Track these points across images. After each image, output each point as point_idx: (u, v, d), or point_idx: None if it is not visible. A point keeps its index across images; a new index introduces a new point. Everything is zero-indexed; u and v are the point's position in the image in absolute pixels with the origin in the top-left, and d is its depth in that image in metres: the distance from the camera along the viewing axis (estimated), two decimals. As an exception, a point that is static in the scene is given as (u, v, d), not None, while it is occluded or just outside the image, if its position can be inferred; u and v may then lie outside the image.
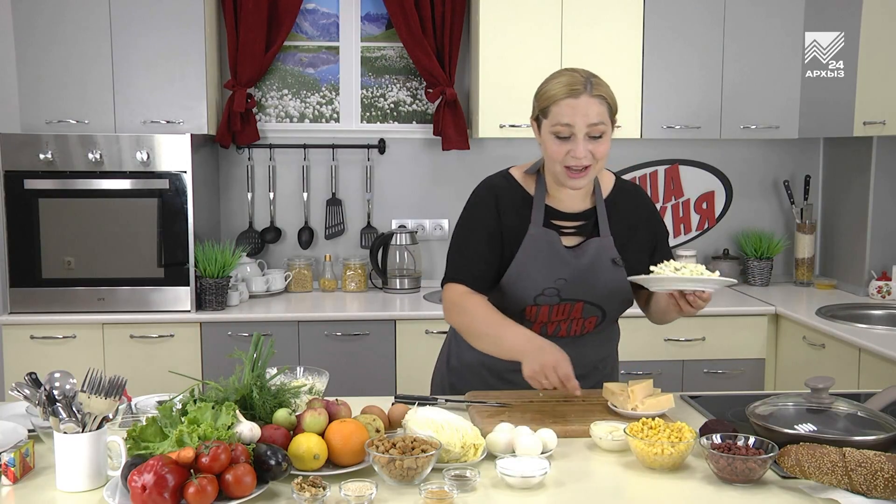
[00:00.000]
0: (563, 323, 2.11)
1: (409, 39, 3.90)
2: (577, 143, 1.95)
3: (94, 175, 3.50)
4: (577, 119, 1.95)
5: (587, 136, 1.96)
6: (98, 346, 3.50)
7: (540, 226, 2.07)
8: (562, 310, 2.09)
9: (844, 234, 4.07)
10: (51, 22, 3.54)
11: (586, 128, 1.95)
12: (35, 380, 1.70)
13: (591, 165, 1.98)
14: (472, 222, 2.11)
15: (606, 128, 1.98)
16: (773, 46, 3.85)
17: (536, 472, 1.59)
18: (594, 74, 2.03)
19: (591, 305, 2.10)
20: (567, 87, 1.97)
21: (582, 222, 2.10)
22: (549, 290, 2.06)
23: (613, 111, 2.02)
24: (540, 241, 2.06)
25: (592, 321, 2.13)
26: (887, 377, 2.84)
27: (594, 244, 2.08)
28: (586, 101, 1.96)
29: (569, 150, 1.96)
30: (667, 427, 1.74)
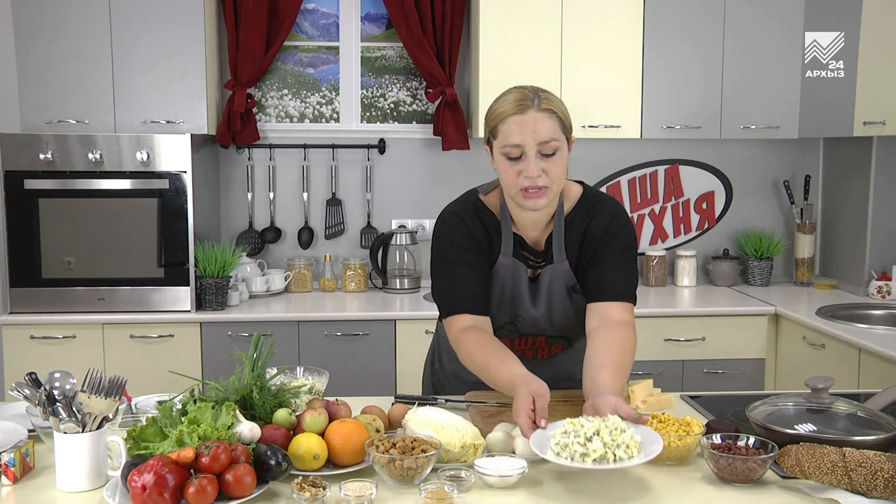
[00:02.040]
0: (527, 351, 2.12)
1: (409, 39, 3.90)
2: (529, 161, 1.82)
3: (94, 175, 3.50)
4: (525, 137, 1.81)
5: (539, 153, 1.82)
6: (98, 346, 3.50)
7: (510, 255, 1.97)
8: (524, 342, 2.10)
9: (844, 234, 4.07)
10: (51, 22, 3.54)
11: (537, 145, 1.82)
12: (35, 380, 1.70)
13: (547, 186, 1.84)
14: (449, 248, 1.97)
15: (559, 144, 1.84)
16: (773, 46, 3.85)
17: (514, 471, 1.59)
18: (543, 90, 1.89)
19: (552, 337, 2.10)
20: (514, 103, 1.84)
21: (543, 251, 2.01)
22: (507, 325, 2.05)
23: (567, 126, 1.88)
24: (507, 272, 1.98)
25: (559, 347, 2.14)
26: (887, 377, 2.84)
27: (549, 271, 1.98)
28: (534, 116, 1.82)
29: (521, 171, 1.83)
30: (675, 421, 1.75)
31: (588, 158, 4.19)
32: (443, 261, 1.98)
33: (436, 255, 2.01)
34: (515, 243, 1.98)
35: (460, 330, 1.93)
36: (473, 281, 1.95)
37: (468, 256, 1.96)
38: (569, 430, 1.58)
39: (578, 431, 1.56)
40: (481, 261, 1.97)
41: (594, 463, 1.51)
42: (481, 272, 1.96)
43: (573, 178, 2.08)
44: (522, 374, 1.75)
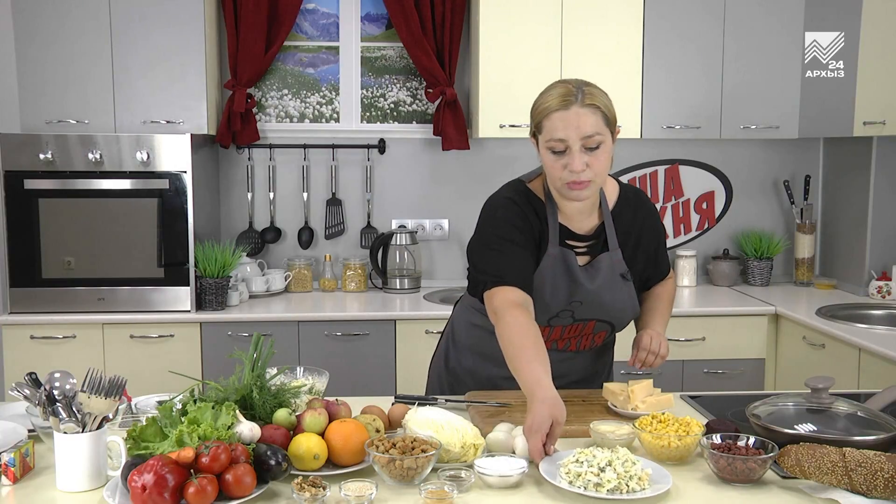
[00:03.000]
0: (573, 339, 2.12)
1: (409, 39, 3.90)
2: (573, 156, 1.86)
3: (94, 175, 3.50)
4: (569, 132, 1.85)
5: (583, 148, 1.86)
6: (98, 346, 3.50)
7: (557, 245, 2.00)
8: (574, 329, 2.09)
9: (844, 234, 4.07)
10: (51, 22, 3.54)
11: (580, 140, 1.86)
12: (35, 380, 1.70)
13: (591, 180, 1.89)
14: (501, 222, 1.98)
15: (603, 138, 1.89)
16: (773, 46, 3.85)
17: (514, 471, 1.59)
18: (588, 83, 1.93)
19: (602, 322, 2.10)
20: (558, 98, 1.88)
21: (592, 241, 2.05)
22: (563, 312, 2.04)
23: (610, 120, 1.92)
24: (557, 261, 2.00)
25: (602, 335, 2.15)
26: (887, 377, 2.84)
27: (605, 260, 2.04)
28: (577, 111, 1.86)
29: (566, 165, 1.87)
30: (675, 421, 1.75)
31: (588, 158, 4.18)
32: (497, 237, 1.97)
33: (488, 232, 1.99)
34: (561, 233, 2.01)
35: (508, 303, 1.88)
36: (526, 258, 1.96)
37: (521, 237, 1.97)
38: (581, 459, 1.58)
39: (591, 461, 1.57)
40: (532, 244, 1.98)
41: (608, 493, 1.52)
42: (531, 254, 1.98)
43: None
44: (547, 386, 1.71)
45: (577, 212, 2.00)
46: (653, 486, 1.56)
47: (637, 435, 1.74)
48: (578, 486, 1.54)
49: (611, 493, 1.52)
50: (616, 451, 1.60)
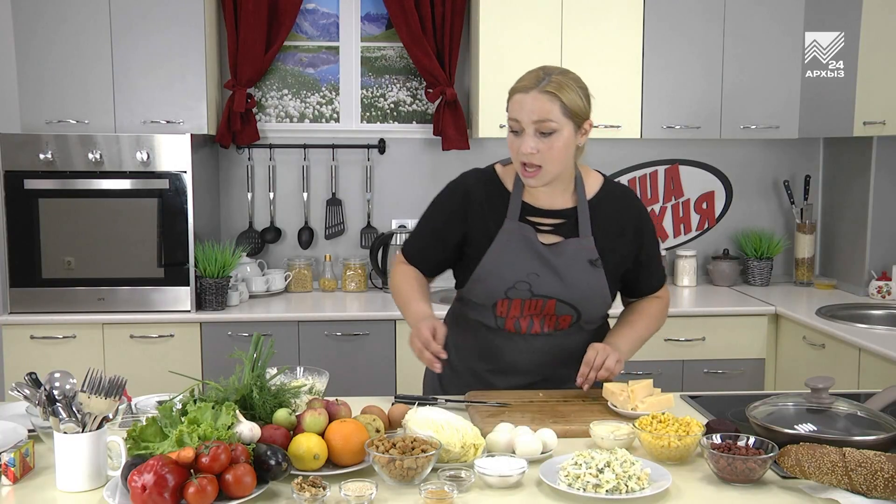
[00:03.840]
0: (535, 318, 2.09)
1: (409, 39, 3.90)
2: (525, 138, 1.94)
3: (94, 175, 3.50)
4: (523, 115, 1.94)
5: (537, 132, 1.93)
6: (98, 346, 3.50)
7: (515, 220, 2.06)
8: (533, 305, 2.07)
9: (844, 234, 4.07)
10: (51, 22, 3.54)
11: (532, 124, 1.93)
12: (35, 380, 1.70)
13: (541, 166, 1.95)
14: (431, 211, 2.18)
15: (558, 127, 1.93)
16: (773, 46, 3.85)
17: (514, 471, 1.59)
18: (563, 72, 1.99)
19: (563, 304, 2.07)
20: (525, 81, 1.98)
21: (561, 221, 2.07)
22: (520, 283, 2.04)
23: (572, 111, 1.94)
24: (514, 235, 2.05)
25: (567, 320, 2.10)
26: (887, 377, 2.84)
27: (572, 244, 2.06)
28: (534, 97, 1.93)
29: (519, 145, 1.96)
30: (675, 421, 1.75)
31: (588, 158, 4.14)
32: (425, 217, 2.19)
33: (428, 208, 2.20)
34: (523, 210, 2.06)
35: (399, 262, 2.22)
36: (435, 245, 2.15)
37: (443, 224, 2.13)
38: (579, 461, 1.58)
39: (590, 463, 1.57)
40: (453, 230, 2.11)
41: (607, 493, 1.52)
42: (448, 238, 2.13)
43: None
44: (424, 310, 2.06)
45: (543, 192, 2.06)
46: (652, 485, 1.56)
47: (637, 435, 1.74)
48: (577, 488, 1.54)
49: (610, 494, 1.52)
50: (614, 451, 1.60)
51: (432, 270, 2.21)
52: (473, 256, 2.09)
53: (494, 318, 2.10)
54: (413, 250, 2.21)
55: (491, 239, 2.06)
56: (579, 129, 1.98)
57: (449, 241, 2.13)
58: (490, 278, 2.05)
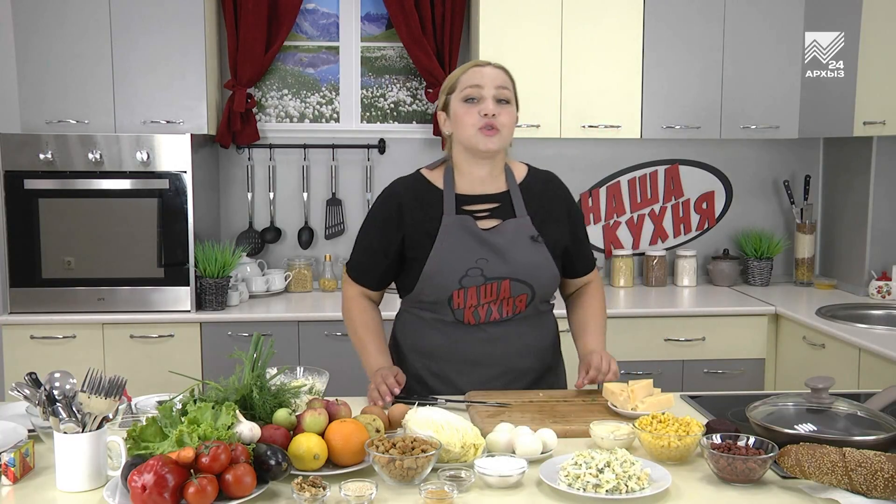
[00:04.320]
0: (493, 304, 2.12)
1: (409, 39, 3.90)
2: (487, 101, 2.08)
3: (94, 175, 3.50)
4: (485, 80, 2.09)
5: (494, 98, 2.08)
6: (98, 346, 3.50)
7: (453, 213, 2.12)
8: (489, 290, 2.10)
9: (844, 234, 4.07)
10: (51, 22, 3.54)
11: (494, 89, 2.08)
12: (35, 380, 1.70)
13: (500, 130, 2.08)
14: (367, 227, 2.23)
15: (510, 95, 2.12)
16: (773, 46, 3.85)
17: (514, 471, 1.59)
18: None
19: (517, 282, 2.11)
20: (473, 62, 2.17)
21: (495, 204, 2.15)
22: (472, 270, 2.09)
23: (516, 92, 2.15)
24: (454, 227, 2.11)
25: (523, 299, 2.13)
26: (887, 377, 2.84)
27: (511, 224, 2.13)
28: (493, 69, 2.13)
29: (479, 110, 2.07)
30: (675, 421, 1.75)
31: (588, 158, 4.19)
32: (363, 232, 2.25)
33: (363, 223, 2.27)
34: (458, 203, 2.14)
35: (354, 296, 2.26)
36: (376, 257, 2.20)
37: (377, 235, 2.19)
38: (579, 461, 1.58)
39: (590, 463, 1.57)
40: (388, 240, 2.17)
41: (607, 493, 1.52)
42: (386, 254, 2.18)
43: None
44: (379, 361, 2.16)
45: (477, 179, 2.15)
46: (652, 485, 1.56)
47: (637, 435, 1.74)
48: (578, 488, 1.54)
49: (610, 494, 1.52)
50: (614, 451, 1.60)
51: (379, 283, 2.25)
52: (418, 258, 2.12)
53: (452, 312, 2.13)
54: (358, 267, 2.25)
55: (432, 237, 2.11)
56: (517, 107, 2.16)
57: (389, 251, 2.17)
58: (441, 272, 2.10)
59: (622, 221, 4.26)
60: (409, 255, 2.15)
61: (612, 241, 4.26)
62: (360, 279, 2.25)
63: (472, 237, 2.10)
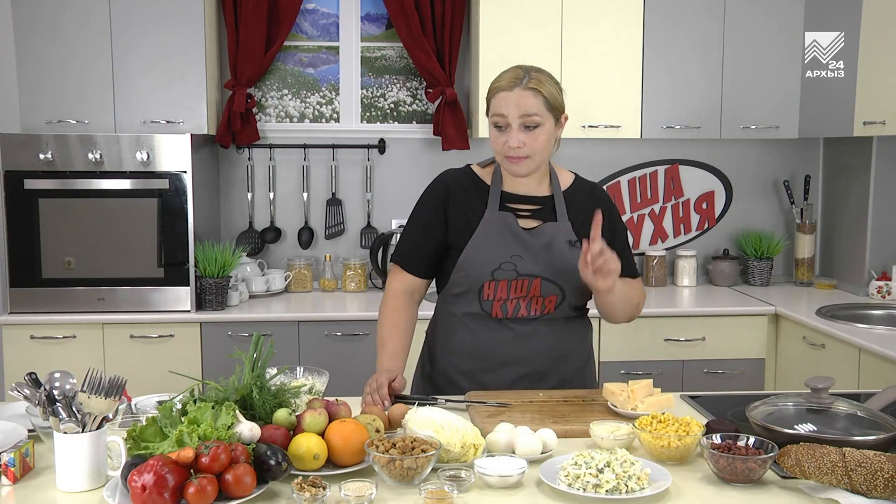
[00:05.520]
0: (521, 300, 2.13)
1: (409, 39, 3.90)
2: (511, 132, 2.05)
3: (94, 175, 3.50)
4: (510, 110, 2.04)
5: (522, 126, 2.04)
6: (98, 346, 3.50)
7: (496, 210, 2.14)
8: (520, 286, 2.12)
9: (844, 234, 4.07)
10: (51, 22, 3.54)
11: (518, 118, 2.04)
12: (35, 380, 1.70)
13: (528, 156, 2.06)
14: (417, 211, 2.24)
15: (542, 120, 2.05)
16: (772, 46, 3.85)
17: (514, 471, 1.59)
18: (539, 70, 2.12)
19: (549, 282, 2.12)
20: (507, 80, 2.08)
21: (538, 206, 2.16)
22: (505, 264, 2.11)
23: (553, 105, 2.07)
24: (495, 223, 2.13)
25: (553, 300, 2.14)
26: (887, 377, 2.84)
27: (551, 227, 2.15)
28: (519, 93, 2.05)
29: (505, 141, 2.06)
30: (675, 421, 1.75)
31: (588, 158, 4.19)
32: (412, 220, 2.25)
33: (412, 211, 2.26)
34: (503, 200, 2.16)
35: (396, 290, 2.24)
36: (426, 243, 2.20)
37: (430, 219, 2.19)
38: (579, 461, 1.58)
39: (590, 463, 1.57)
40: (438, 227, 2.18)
41: (607, 493, 1.52)
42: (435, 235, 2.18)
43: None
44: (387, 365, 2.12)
45: (521, 182, 2.16)
46: (652, 485, 1.56)
47: (637, 435, 1.74)
48: (578, 488, 1.54)
49: (610, 494, 1.52)
50: (614, 451, 1.60)
51: (426, 269, 2.24)
52: (456, 247, 2.15)
53: (480, 304, 2.14)
54: (405, 251, 2.24)
55: (472, 229, 2.14)
56: (558, 122, 2.11)
57: (437, 236, 2.19)
58: (475, 262, 2.12)
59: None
60: (449, 242, 2.17)
61: (612, 241, 4.25)
62: (405, 263, 2.23)
63: (510, 233, 2.13)
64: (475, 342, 2.17)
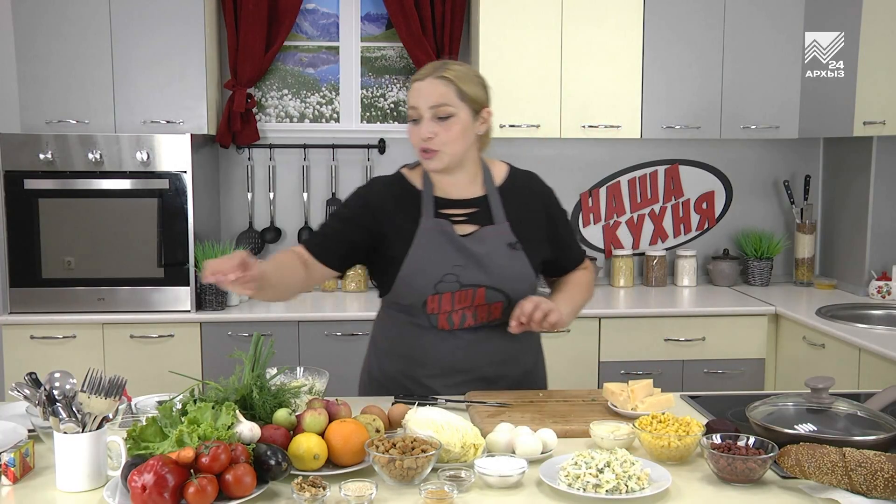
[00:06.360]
0: (467, 310, 2.09)
1: (409, 39, 3.90)
2: (423, 123, 2.02)
3: (94, 175, 3.50)
4: (420, 101, 2.01)
5: (434, 117, 2.01)
6: (98, 346, 3.50)
7: (431, 217, 2.09)
8: (464, 296, 2.07)
9: (844, 234, 4.07)
10: (51, 22, 3.54)
11: (429, 109, 2.00)
12: (35, 380, 1.70)
13: (439, 150, 2.02)
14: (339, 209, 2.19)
15: (454, 111, 2.01)
16: (772, 46, 3.85)
17: (514, 471, 1.59)
18: (460, 63, 2.09)
19: (493, 290, 2.08)
20: (421, 72, 2.06)
21: (473, 209, 2.11)
22: (447, 276, 2.06)
23: (468, 96, 2.02)
24: (432, 231, 2.08)
25: (498, 307, 2.10)
26: (887, 377, 2.84)
27: (489, 231, 2.09)
28: (430, 82, 2.02)
29: (417, 132, 2.03)
30: (675, 421, 1.75)
31: (588, 158, 4.19)
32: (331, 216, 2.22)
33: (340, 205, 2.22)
34: (436, 205, 2.10)
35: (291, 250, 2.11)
36: (341, 233, 2.11)
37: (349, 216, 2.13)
38: (579, 461, 1.58)
39: (590, 463, 1.57)
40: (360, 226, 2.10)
41: (607, 493, 1.52)
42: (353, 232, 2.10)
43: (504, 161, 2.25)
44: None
45: (451, 184, 2.11)
46: (652, 485, 1.56)
47: (637, 435, 1.74)
48: (577, 488, 1.54)
49: (610, 494, 1.52)
50: (614, 451, 1.60)
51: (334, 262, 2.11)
52: (395, 258, 2.08)
53: (426, 317, 2.09)
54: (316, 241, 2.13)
55: (408, 239, 2.08)
56: (478, 117, 2.06)
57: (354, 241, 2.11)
58: (417, 277, 2.07)
59: (622, 221, 4.26)
60: (387, 253, 2.10)
61: (612, 241, 4.25)
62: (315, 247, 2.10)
63: (449, 242, 2.07)
64: (423, 351, 2.13)
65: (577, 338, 3.58)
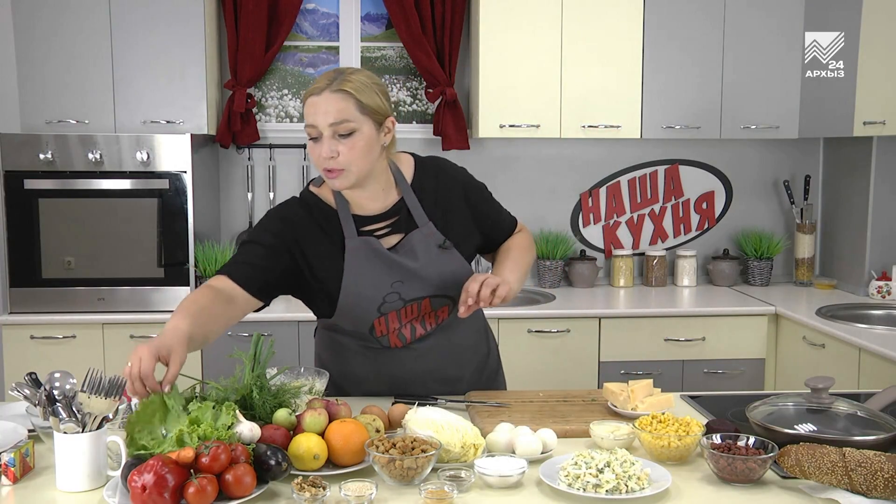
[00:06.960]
0: (415, 322, 2.05)
1: (409, 39, 3.90)
2: (323, 143, 1.84)
3: (94, 175, 3.50)
4: (318, 118, 1.83)
5: (335, 134, 1.84)
6: (98, 346, 3.50)
7: (354, 237, 1.97)
8: (410, 310, 2.02)
9: (844, 234, 4.07)
10: (51, 22, 3.54)
11: (329, 127, 1.83)
12: (35, 380, 1.70)
13: (344, 168, 1.86)
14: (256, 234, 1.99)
15: (356, 126, 1.84)
16: (772, 46, 3.85)
17: (514, 472, 1.59)
18: (355, 70, 1.89)
19: (436, 298, 2.03)
20: (317, 83, 1.86)
21: (394, 218, 2.00)
22: (389, 296, 1.98)
23: (369, 108, 1.85)
24: (360, 252, 1.97)
25: (445, 310, 2.07)
26: (887, 377, 2.84)
27: (416, 236, 2.00)
28: (327, 97, 1.83)
29: (320, 151, 1.85)
30: (675, 421, 1.75)
31: (588, 158, 4.19)
32: (245, 241, 2.00)
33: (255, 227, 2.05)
34: (357, 223, 1.98)
35: (210, 285, 1.89)
36: (257, 256, 1.94)
37: (268, 240, 1.96)
38: (579, 461, 1.58)
39: (590, 463, 1.57)
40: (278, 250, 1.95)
41: (607, 493, 1.52)
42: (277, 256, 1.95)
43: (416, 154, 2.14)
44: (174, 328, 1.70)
45: (364, 198, 1.98)
46: (652, 485, 1.56)
47: (637, 435, 1.74)
48: (578, 488, 1.54)
49: (610, 494, 1.52)
50: (614, 451, 1.60)
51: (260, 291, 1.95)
52: (327, 285, 1.98)
53: (376, 340, 2.05)
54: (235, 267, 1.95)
55: (337, 263, 1.97)
56: (381, 128, 1.90)
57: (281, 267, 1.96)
58: (358, 303, 1.98)
59: (622, 221, 4.26)
60: (318, 276, 1.98)
61: (612, 241, 4.26)
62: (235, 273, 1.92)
63: (380, 260, 1.97)
64: (379, 370, 2.09)
65: (577, 338, 3.58)
